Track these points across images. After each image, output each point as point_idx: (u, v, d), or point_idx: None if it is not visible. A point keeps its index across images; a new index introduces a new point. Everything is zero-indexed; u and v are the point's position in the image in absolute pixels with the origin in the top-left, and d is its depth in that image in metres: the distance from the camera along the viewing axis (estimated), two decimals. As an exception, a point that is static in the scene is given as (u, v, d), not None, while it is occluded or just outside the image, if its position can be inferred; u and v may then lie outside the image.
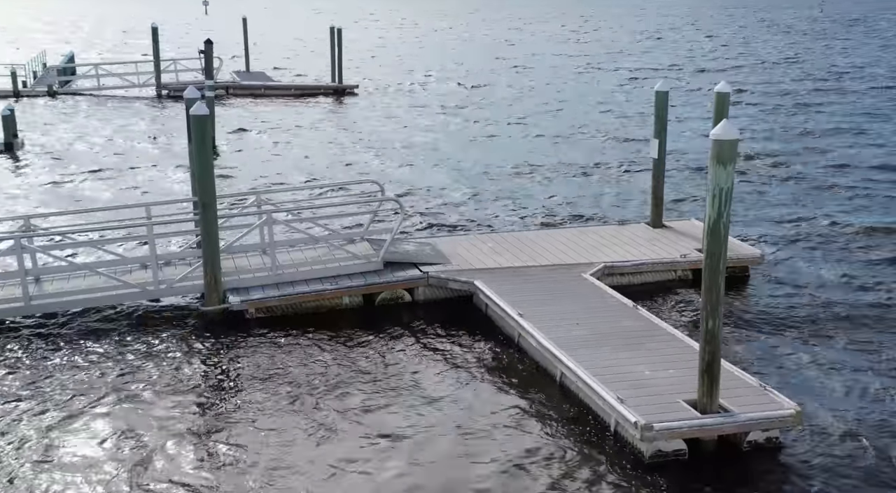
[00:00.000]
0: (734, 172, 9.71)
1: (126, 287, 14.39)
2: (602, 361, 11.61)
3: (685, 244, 16.53)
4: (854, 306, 15.01)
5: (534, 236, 17.25)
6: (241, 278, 14.70)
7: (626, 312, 13.46)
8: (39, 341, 13.52)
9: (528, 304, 13.57)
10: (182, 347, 13.38)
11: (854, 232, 19.41)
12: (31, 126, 33.67)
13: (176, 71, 43.87)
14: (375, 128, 33.94)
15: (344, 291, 14.70)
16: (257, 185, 23.64)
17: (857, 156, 27.70)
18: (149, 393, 11.88)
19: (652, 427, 9.89)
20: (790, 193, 23.09)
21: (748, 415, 10.20)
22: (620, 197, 22.84)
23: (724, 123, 9.80)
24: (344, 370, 12.55)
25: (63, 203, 22.25)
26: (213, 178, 14.18)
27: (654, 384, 10.95)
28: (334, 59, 43.87)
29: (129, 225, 15.75)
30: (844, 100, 40.10)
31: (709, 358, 10.08)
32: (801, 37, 78.75)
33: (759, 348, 13.29)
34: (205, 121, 14.17)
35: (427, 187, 23.93)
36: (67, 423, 11.10)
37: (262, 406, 11.51)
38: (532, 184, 24.31)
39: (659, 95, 17.21)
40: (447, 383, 12.16)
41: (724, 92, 15.53)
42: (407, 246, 16.30)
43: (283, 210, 16.02)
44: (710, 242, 9.86)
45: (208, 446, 10.58)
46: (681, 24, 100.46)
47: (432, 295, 15.14)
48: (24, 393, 11.87)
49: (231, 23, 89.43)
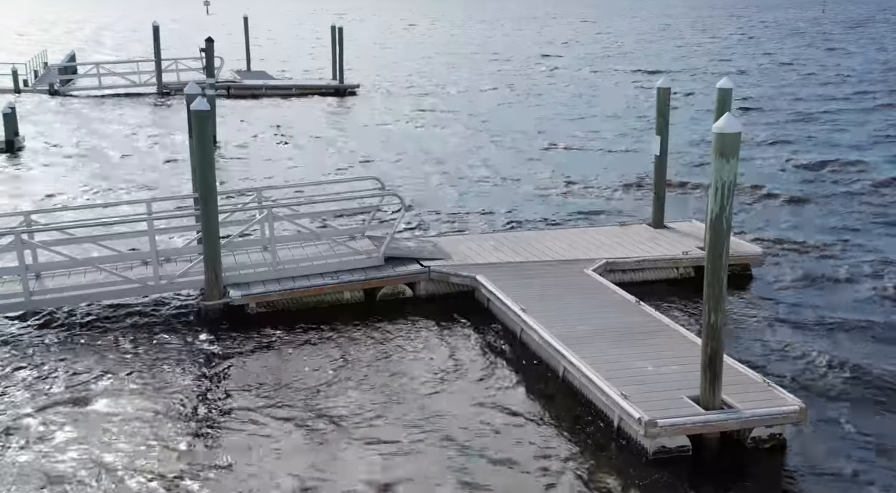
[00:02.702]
0: (737, 166, 9.65)
1: (127, 283, 14.34)
2: (605, 356, 11.55)
3: (687, 243, 16.46)
4: (857, 304, 14.95)
5: (535, 235, 17.21)
6: (241, 273, 14.65)
7: (629, 307, 13.39)
8: (40, 337, 13.46)
9: (531, 299, 13.51)
10: (183, 341, 13.33)
11: (857, 229, 19.35)
12: (32, 124, 33.64)
13: (177, 70, 43.84)
14: (377, 127, 33.89)
15: (345, 285, 14.64)
16: (258, 182, 23.59)
17: (859, 153, 27.63)
18: (149, 388, 11.82)
19: (656, 424, 9.82)
20: (792, 190, 23.02)
21: (752, 411, 10.13)
22: (622, 197, 22.77)
23: (726, 116, 9.74)
24: (345, 365, 12.49)
25: (63, 200, 22.21)
26: (213, 173, 14.12)
27: (657, 380, 10.89)
28: (335, 58, 43.84)
29: (129, 220, 15.68)
30: (847, 98, 40.04)
31: (711, 353, 10.01)
32: (804, 38, 78.69)
33: (761, 346, 13.23)
34: (205, 116, 14.12)
35: (428, 186, 23.89)
36: (69, 417, 11.03)
37: (262, 401, 11.44)
38: (533, 183, 24.25)
39: (661, 91, 17.12)
40: (448, 379, 12.09)
41: (726, 88, 15.45)
42: (408, 242, 16.26)
43: (284, 205, 15.95)
44: (713, 235, 9.80)
45: (209, 439, 10.52)
46: (680, 25, 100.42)
47: (434, 290, 15.08)
48: (25, 389, 11.81)
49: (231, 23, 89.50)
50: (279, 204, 15.76)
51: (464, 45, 74.23)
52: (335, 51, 43.75)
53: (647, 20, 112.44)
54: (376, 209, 17.06)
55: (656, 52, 65.59)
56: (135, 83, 43.50)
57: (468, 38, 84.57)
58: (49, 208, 18.98)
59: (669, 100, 17.09)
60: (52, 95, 42.43)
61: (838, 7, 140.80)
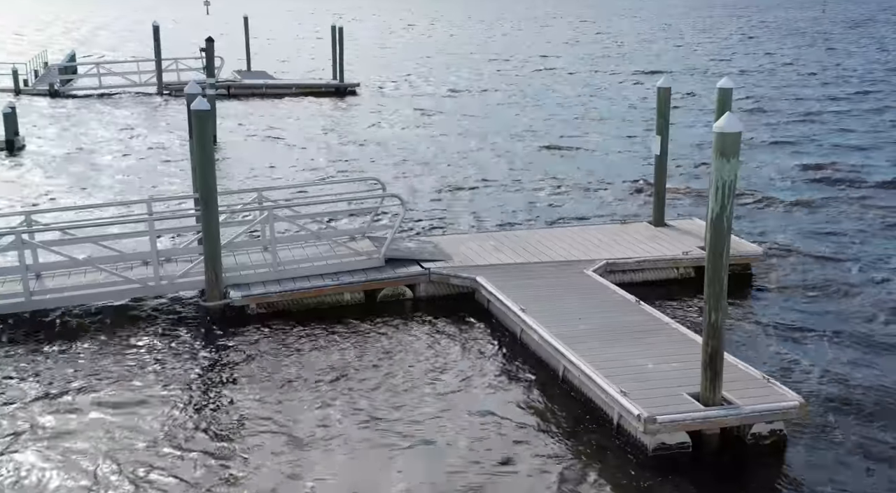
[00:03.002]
0: (737, 166, 9.67)
1: (127, 283, 14.36)
2: (604, 355, 11.57)
3: (687, 242, 16.49)
4: (857, 303, 14.97)
5: (536, 235, 17.22)
6: (242, 273, 14.67)
7: (629, 307, 13.42)
8: (40, 337, 13.48)
9: (531, 299, 13.53)
10: (183, 342, 13.35)
11: (857, 229, 19.37)
12: (32, 124, 33.67)
13: (177, 70, 43.87)
14: (377, 127, 33.92)
15: (345, 287, 14.66)
16: (258, 182, 23.61)
17: (860, 154, 27.66)
18: (149, 389, 11.83)
19: (655, 420, 9.85)
20: (792, 190, 23.05)
21: (752, 407, 10.16)
22: (622, 195, 22.80)
23: (727, 115, 9.77)
24: (345, 367, 12.51)
25: (64, 200, 22.24)
26: (214, 174, 14.14)
27: (656, 377, 10.92)
28: (335, 57, 43.87)
29: (130, 221, 15.71)
30: (849, 99, 40.06)
31: (711, 350, 10.04)
32: (804, 38, 78.71)
33: (761, 344, 13.26)
34: (206, 116, 14.14)
35: (428, 186, 23.91)
36: (69, 418, 11.05)
37: (262, 402, 11.46)
38: (533, 182, 24.27)
39: (661, 91, 17.14)
40: (449, 379, 12.12)
41: (726, 88, 15.49)
42: (409, 243, 16.27)
43: (285, 206, 15.97)
44: (713, 235, 9.83)
45: (208, 441, 10.54)
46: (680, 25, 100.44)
47: (434, 291, 15.10)
48: (25, 389, 11.83)
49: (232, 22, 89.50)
50: (280, 205, 15.78)
51: (463, 46, 74.25)
52: (335, 50, 43.78)
53: (648, 20, 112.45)
54: (377, 210, 17.08)
55: (656, 52, 65.61)
56: (135, 83, 43.53)
57: (467, 38, 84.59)
58: (49, 208, 19.00)
59: (670, 100, 17.12)
60: (52, 95, 42.45)
61: (839, 7, 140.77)
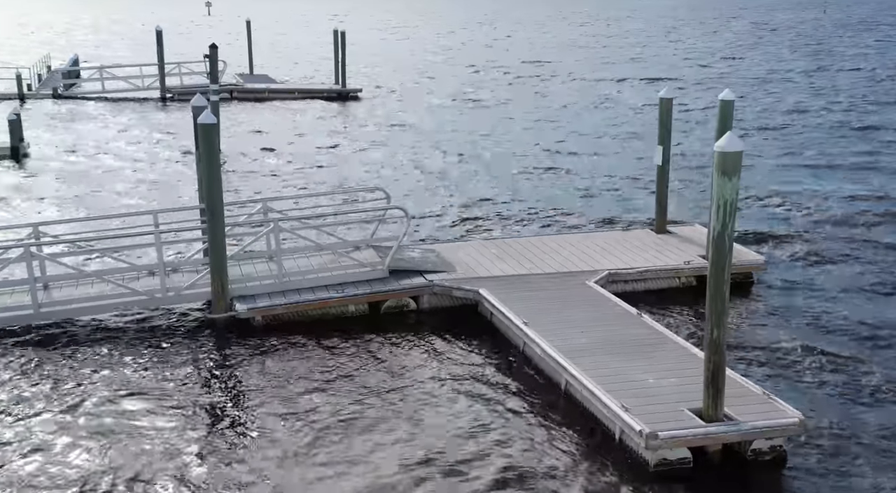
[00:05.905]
0: (738, 184, 9.79)
1: (134, 294, 14.50)
2: (607, 369, 11.70)
3: (689, 250, 16.62)
4: (859, 312, 15.07)
5: (538, 242, 17.34)
6: (247, 285, 14.80)
7: (631, 320, 13.54)
8: (48, 349, 13.61)
9: (533, 312, 13.66)
10: (189, 354, 13.48)
11: (858, 238, 19.46)
12: (36, 130, 33.80)
13: (180, 74, 44.03)
14: (379, 132, 34.03)
15: (350, 299, 14.78)
16: (261, 190, 23.75)
17: (862, 160, 27.76)
18: (155, 400, 11.96)
19: (657, 436, 9.97)
20: (793, 197, 23.13)
21: (752, 423, 10.27)
22: (624, 202, 22.91)
23: (728, 134, 9.87)
24: (349, 378, 12.64)
25: (70, 208, 22.38)
26: (220, 187, 14.28)
27: (658, 393, 11.03)
28: (338, 62, 43.98)
29: (136, 233, 15.85)
30: (852, 102, 40.12)
31: (714, 368, 10.16)
32: (805, 38, 78.77)
33: (763, 355, 13.36)
34: (212, 129, 14.27)
35: (431, 192, 24.03)
36: (76, 429, 11.19)
37: (266, 414, 11.59)
38: (536, 189, 24.39)
39: (663, 101, 17.26)
40: (452, 392, 12.24)
41: (728, 100, 15.62)
42: (412, 253, 16.38)
43: (290, 218, 16.09)
44: (715, 253, 9.95)
45: (212, 452, 10.67)
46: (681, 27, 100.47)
47: (437, 303, 15.23)
48: (32, 399, 11.96)
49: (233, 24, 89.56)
50: (285, 217, 15.89)
51: (466, 49, 74.30)
52: (337, 55, 43.88)
53: (649, 21, 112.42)
54: (381, 221, 17.20)
55: (657, 54, 65.65)
56: (138, 87, 43.66)
57: (469, 40, 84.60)
58: (57, 220, 19.14)
59: (671, 110, 17.23)
60: (56, 99, 42.60)
61: (839, 7, 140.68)
